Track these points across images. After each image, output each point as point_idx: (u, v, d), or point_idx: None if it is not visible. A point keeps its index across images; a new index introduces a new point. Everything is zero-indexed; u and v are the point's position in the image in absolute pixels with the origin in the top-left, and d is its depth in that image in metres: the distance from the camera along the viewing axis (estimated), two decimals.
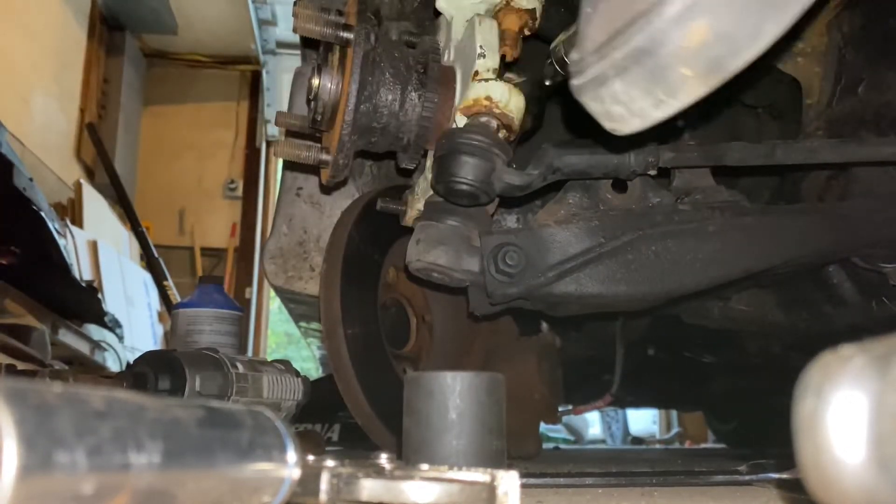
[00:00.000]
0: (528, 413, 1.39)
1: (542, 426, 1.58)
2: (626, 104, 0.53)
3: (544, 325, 1.42)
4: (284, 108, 1.29)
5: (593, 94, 0.55)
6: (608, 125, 0.58)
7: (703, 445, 3.87)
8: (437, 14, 1.02)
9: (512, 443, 1.33)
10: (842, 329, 1.10)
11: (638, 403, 2.74)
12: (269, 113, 5.85)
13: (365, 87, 0.90)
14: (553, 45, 0.93)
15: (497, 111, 0.88)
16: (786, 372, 1.51)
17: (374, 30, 0.91)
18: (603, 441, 4.50)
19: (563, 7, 1.07)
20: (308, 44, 1.45)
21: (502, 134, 0.90)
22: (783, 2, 0.46)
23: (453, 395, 0.58)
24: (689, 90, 0.50)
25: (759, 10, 0.46)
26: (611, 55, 0.51)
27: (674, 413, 4.46)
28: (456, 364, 1.36)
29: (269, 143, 6.03)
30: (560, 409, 1.64)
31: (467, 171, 0.85)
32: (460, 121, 0.90)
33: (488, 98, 0.88)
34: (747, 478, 0.84)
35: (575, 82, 0.57)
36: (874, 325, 1.05)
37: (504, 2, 0.97)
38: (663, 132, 1.25)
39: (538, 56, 1.14)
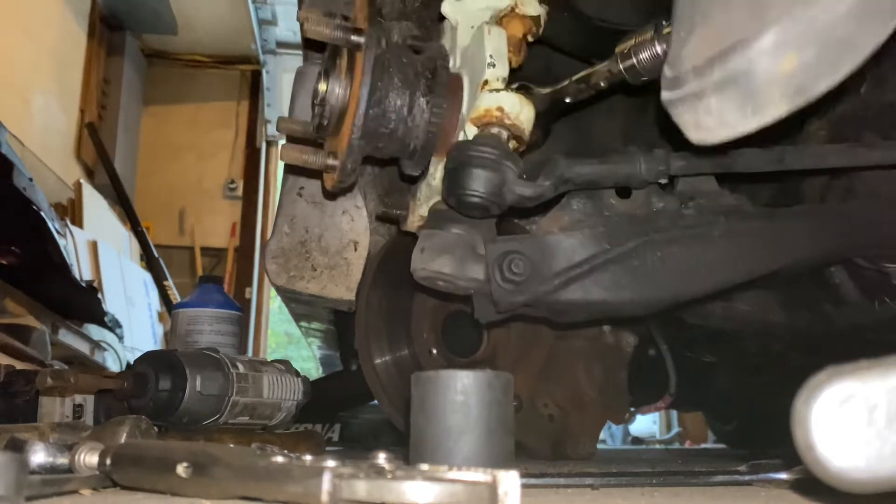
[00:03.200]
0: (581, 416, 1.40)
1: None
2: (717, 116, 0.63)
3: (606, 327, 1.42)
4: (285, 107, 1.29)
5: (689, 106, 0.65)
6: (695, 135, 0.66)
7: (703, 445, 3.87)
8: (441, 18, 1.02)
9: (567, 443, 1.36)
10: (843, 329, 1.10)
11: (696, 406, 2.72)
12: (270, 113, 5.85)
13: (375, 92, 0.90)
14: (619, 48, 0.92)
15: (508, 122, 0.88)
16: (786, 372, 1.52)
17: (385, 34, 0.91)
18: (603, 441, 4.50)
19: (567, 13, 1.07)
20: (310, 44, 1.45)
21: (512, 145, 0.90)
22: (857, 43, 0.57)
23: (462, 393, 0.58)
24: (776, 108, 0.60)
25: (839, 47, 0.57)
26: (709, 75, 0.62)
27: (674, 413, 4.46)
28: (516, 368, 1.38)
29: (269, 143, 6.03)
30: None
31: (479, 183, 0.85)
32: (470, 131, 0.90)
33: (500, 109, 0.88)
34: (747, 478, 0.84)
35: (668, 96, 0.67)
36: (875, 324, 1.05)
37: (509, 8, 0.97)
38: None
39: (560, 70, 1.14)
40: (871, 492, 0.44)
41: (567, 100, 0.99)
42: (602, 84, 0.95)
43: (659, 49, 0.88)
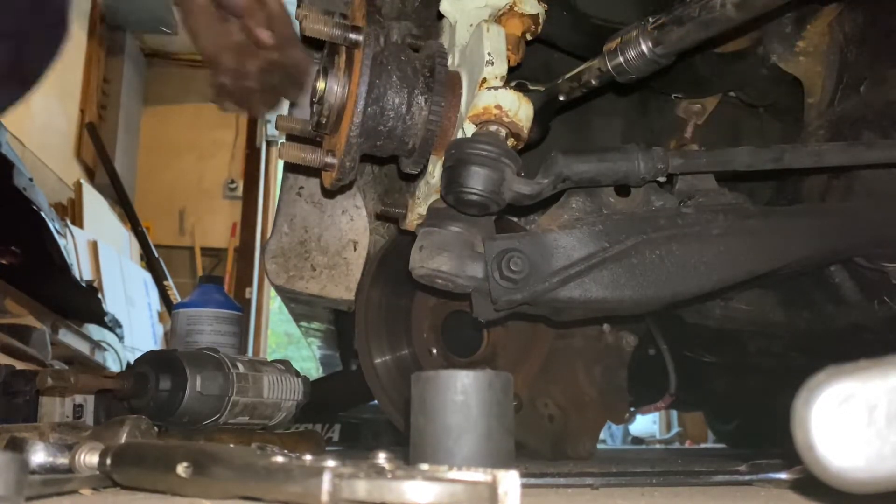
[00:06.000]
0: (581, 416, 1.41)
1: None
2: None
3: (606, 327, 1.42)
4: (284, 108, 1.29)
5: None
6: None
7: (703, 445, 3.87)
8: (440, 16, 1.02)
9: (567, 443, 1.36)
10: (843, 328, 1.10)
11: (696, 406, 2.71)
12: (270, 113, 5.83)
13: (373, 90, 0.90)
14: (606, 47, 0.92)
15: (507, 120, 0.88)
16: (786, 372, 1.52)
17: (383, 32, 0.91)
18: (603, 441, 4.50)
19: (566, 11, 1.07)
20: (309, 43, 1.44)
21: (511, 143, 0.90)
22: None
23: (462, 393, 0.57)
24: None
25: None
26: None
27: (674, 413, 4.47)
28: (516, 368, 1.38)
29: (269, 143, 6.03)
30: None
31: (477, 181, 0.85)
32: (468, 128, 0.90)
33: (498, 106, 0.87)
34: (747, 478, 0.84)
35: None
36: (875, 324, 1.05)
37: (507, 6, 0.97)
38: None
39: (555, 68, 1.14)
40: (871, 492, 0.44)
41: (561, 98, 0.99)
42: (593, 82, 0.95)
43: (644, 47, 0.87)
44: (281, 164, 1.93)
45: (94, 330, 3.02)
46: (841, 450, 0.43)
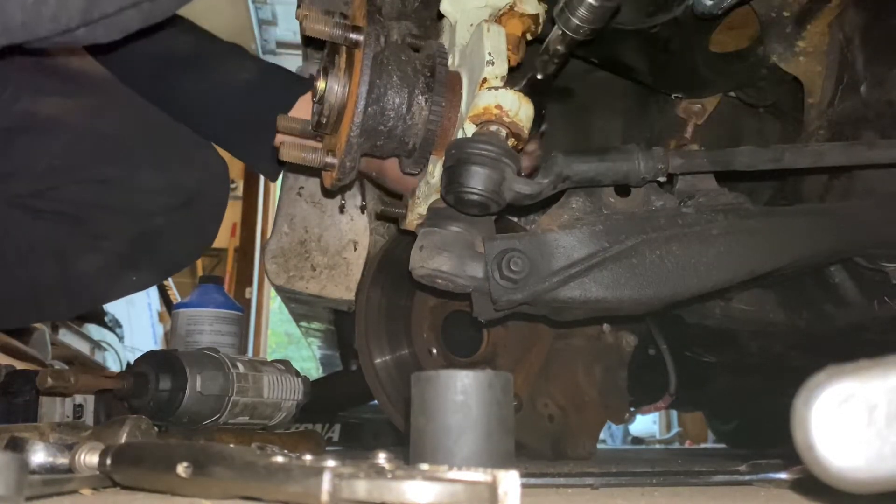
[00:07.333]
0: (581, 416, 1.41)
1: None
2: None
3: (606, 327, 1.43)
4: None
5: None
6: None
7: (703, 445, 3.88)
8: (440, 16, 1.02)
9: (567, 443, 1.36)
10: (843, 328, 1.10)
11: (696, 406, 2.71)
12: None
13: (373, 90, 0.90)
14: (556, 11, 0.91)
15: (507, 120, 0.88)
16: (786, 372, 1.52)
17: (383, 32, 0.91)
18: (603, 441, 4.50)
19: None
20: (309, 42, 1.45)
21: (511, 143, 0.90)
22: None
23: (462, 393, 0.57)
24: None
25: None
26: None
27: (674, 413, 4.47)
28: (516, 368, 1.38)
29: None
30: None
31: (477, 181, 0.85)
32: (469, 128, 0.90)
33: (498, 107, 0.87)
34: (747, 478, 0.84)
35: None
36: (875, 324, 1.06)
37: (507, 6, 0.97)
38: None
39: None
40: (871, 492, 0.44)
41: (539, 76, 0.98)
42: (560, 49, 0.94)
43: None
44: None
45: (94, 330, 3.02)
46: (841, 450, 0.43)
